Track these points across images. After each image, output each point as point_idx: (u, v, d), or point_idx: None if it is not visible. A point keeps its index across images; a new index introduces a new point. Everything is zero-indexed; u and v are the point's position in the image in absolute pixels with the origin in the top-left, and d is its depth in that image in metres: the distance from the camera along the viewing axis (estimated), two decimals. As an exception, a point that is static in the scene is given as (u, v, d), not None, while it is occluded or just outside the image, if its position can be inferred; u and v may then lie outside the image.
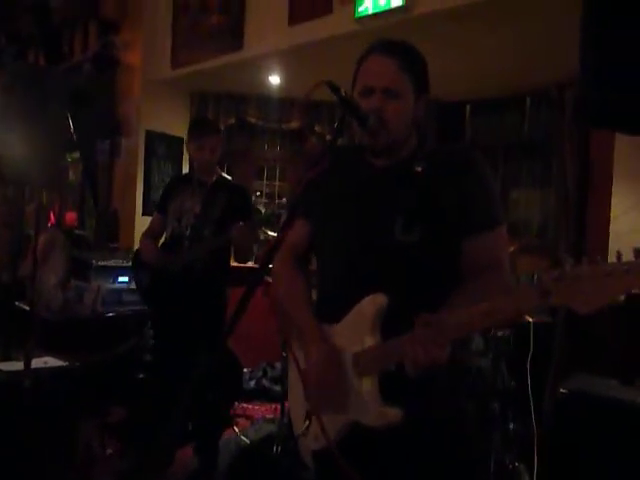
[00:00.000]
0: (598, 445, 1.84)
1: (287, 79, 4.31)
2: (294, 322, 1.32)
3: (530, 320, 2.33)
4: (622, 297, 0.89)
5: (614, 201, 3.25)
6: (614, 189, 3.27)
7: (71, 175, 5.55)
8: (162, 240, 2.73)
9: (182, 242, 2.55)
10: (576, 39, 1.50)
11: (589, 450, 1.87)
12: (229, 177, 2.78)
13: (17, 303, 3.32)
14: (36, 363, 2.35)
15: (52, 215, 5.39)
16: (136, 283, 2.79)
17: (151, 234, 2.73)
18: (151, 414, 2.56)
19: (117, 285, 3.53)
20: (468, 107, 4.53)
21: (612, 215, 3.21)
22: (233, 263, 2.75)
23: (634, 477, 1.77)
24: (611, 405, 1.85)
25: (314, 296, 1.37)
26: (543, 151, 4.15)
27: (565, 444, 1.94)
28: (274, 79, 4.33)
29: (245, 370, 3.79)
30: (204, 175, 2.62)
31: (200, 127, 2.63)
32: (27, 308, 3.05)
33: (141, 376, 3.10)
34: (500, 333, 2.30)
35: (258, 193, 5.07)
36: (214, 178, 2.62)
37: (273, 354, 3.81)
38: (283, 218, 1.41)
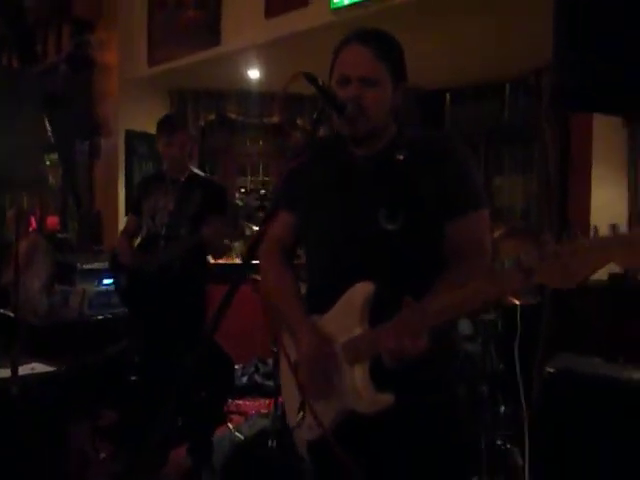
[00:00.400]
0: (586, 422, 1.89)
1: (266, 73, 4.28)
2: (283, 316, 1.33)
3: (517, 303, 2.36)
4: (605, 276, 0.91)
5: (594, 183, 3.30)
6: (594, 171, 3.32)
7: (51, 178, 5.47)
8: (138, 240, 2.71)
9: (158, 241, 2.53)
10: (551, 25, 1.51)
11: (577, 427, 1.91)
12: (202, 173, 2.78)
13: (1, 310, 3.28)
14: (23, 370, 2.32)
15: (33, 220, 5.31)
16: (114, 285, 2.77)
17: (127, 235, 2.72)
18: (141, 415, 2.55)
19: (103, 287, 3.50)
20: (448, 95, 4.55)
21: (592, 196, 3.26)
22: (215, 260, 2.74)
23: (621, 451, 1.81)
24: (597, 382, 1.89)
25: (303, 289, 1.38)
26: (524, 137, 4.19)
27: (554, 422, 1.98)
28: (253, 73, 4.30)
29: (237, 366, 3.79)
30: (175, 172, 2.60)
31: (168, 123, 2.61)
32: (12, 315, 3.01)
33: (132, 378, 3.08)
34: (488, 317, 2.33)
35: (242, 190, 5.04)
36: (186, 174, 2.61)
37: (264, 350, 3.81)
38: (267, 209, 1.40)
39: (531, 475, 2.12)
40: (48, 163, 5.26)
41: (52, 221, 5.23)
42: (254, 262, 1.12)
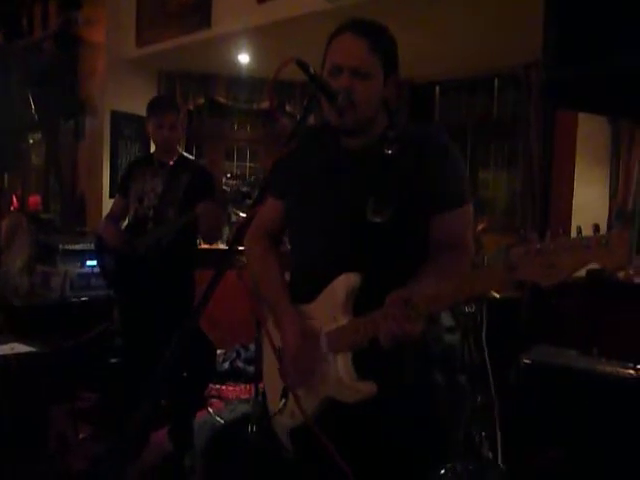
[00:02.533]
0: (560, 412, 1.94)
1: (257, 58, 4.24)
2: (268, 302, 1.33)
3: (497, 296, 2.40)
4: (583, 272, 0.93)
5: (577, 179, 3.35)
6: (577, 168, 3.37)
7: (34, 157, 5.37)
8: (126, 222, 2.69)
9: (146, 224, 2.52)
10: (541, 21, 1.52)
11: (551, 417, 1.96)
12: (191, 157, 2.75)
13: (-19, 289, 3.24)
14: (2, 349, 2.30)
15: (15, 199, 5.23)
16: (100, 268, 2.74)
17: (113, 217, 2.70)
18: (121, 397, 2.55)
19: (85, 269, 3.47)
20: (437, 88, 4.56)
21: (575, 192, 3.31)
22: (203, 245, 2.73)
23: (594, 440, 1.87)
24: (571, 374, 1.94)
25: (287, 277, 1.39)
26: (511, 132, 4.22)
27: (528, 412, 2.03)
28: (243, 58, 4.26)
29: (219, 352, 3.80)
30: (164, 155, 2.58)
31: (159, 104, 2.58)
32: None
33: (113, 360, 3.07)
34: (468, 309, 2.36)
35: (228, 175, 5.00)
36: (175, 158, 2.58)
37: (246, 335, 3.83)
38: (254, 195, 1.41)
39: (505, 462, 2.18)
40: (31, 141, 5.17)
41: (34, 201, 5.15)
42: (240, 248, 1.12)
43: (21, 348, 2.42)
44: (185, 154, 2.68)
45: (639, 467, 1.81)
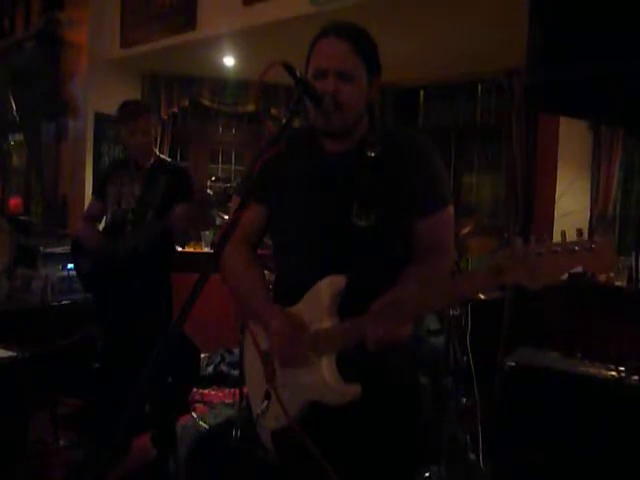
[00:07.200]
0: (543, 413, 1.96)
1: (242, 61, 4.23)
2: (251, 305, 1.32)
3: (482, 297, 2.42)
4: (565, 275, 0.94)
5: (559, 183, 3.41)
6: (559, 172, 3.42)
7: (15, 158, 5.29)
8: (102, 225, 2.67)
9: (124, 227, 2.50)
10: (525, 28, 1.54)
11: (535, 419, 1.98)
12: (168, 159, 2.75)
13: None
14: (-18, 354, 2.25)
15: (-5, 201, 5.14)
16: (76, 270, 2.72)
17: (89, 220, 2.68)
18: (103, 403, 2.52)
19: (67, 272, 3.43)
20: (422, 92, 4.60)
21: (557, 196, 3.36)
22: (189, 249, 2.72)
23: (577, 442, 1.89)
24: (554, 376, 1.96)
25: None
26: (494, 136, 4.27)
27: (512, 414, 2.05)
28: (228, 60, 4.25)
29: (203, 356, 3.77)
30: (141, 158, 2.56)
31: (129, 109, 2.53)
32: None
33: (95, 365, 3.03)
34: (452, 312, 2.38)
35: (213, 178, 4.98)
36: (152, 160, 2.57)
37: (231, 339, 3.80)
38: (235, 200, 1.40)
39: (487, 465, 2.19)
40: (12, 142, 5.09)
41: (15, 203, 5.07)
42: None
43: (1, 353, 2.37)
44: (162, 156, 2.68)
45: (621, 468, 1.83)
